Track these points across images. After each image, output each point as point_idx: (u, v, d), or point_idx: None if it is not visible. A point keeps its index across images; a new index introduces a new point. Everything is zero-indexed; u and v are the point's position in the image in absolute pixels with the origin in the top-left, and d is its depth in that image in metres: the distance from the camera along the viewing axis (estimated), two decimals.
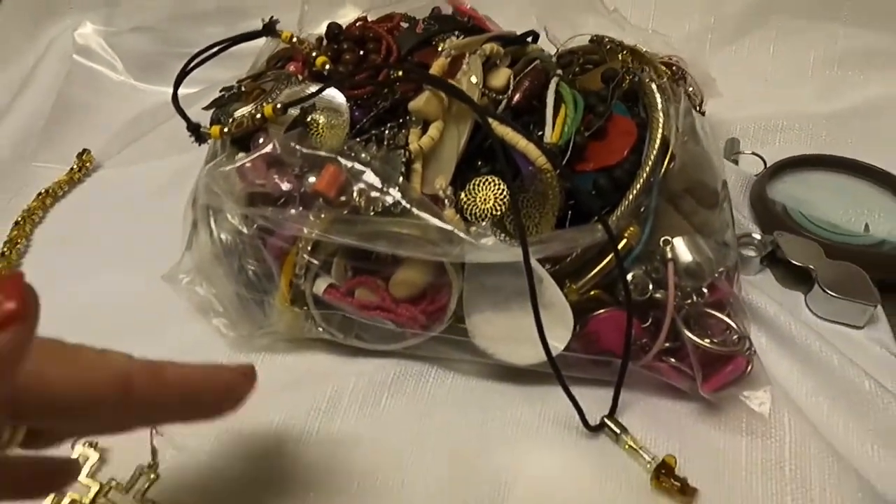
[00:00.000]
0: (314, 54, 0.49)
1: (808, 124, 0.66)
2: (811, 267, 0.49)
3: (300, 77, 0.49)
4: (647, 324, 0.43)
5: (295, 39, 0.51)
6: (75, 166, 0.64)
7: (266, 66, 0.53)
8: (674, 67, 0.52)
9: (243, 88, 0.49)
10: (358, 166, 0.40)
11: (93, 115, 0.71)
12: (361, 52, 0.51)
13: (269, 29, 0.51)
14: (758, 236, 0.52)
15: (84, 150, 0.65)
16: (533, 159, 0.40)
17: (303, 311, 0.45)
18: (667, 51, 0.55)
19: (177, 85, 0.48)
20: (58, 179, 0.63)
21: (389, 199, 0.41)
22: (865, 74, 0.69)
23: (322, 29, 0.55)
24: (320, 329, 0.46)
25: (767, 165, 0.59)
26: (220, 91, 0.50)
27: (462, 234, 0.38)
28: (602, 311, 0.43)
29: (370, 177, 0.40)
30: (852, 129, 0.65)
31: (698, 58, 0.59)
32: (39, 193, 0.61)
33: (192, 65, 0.49)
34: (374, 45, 0.51)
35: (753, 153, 0.60)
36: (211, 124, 0.49)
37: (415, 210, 0.39)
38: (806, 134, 0.65)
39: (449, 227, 0.38)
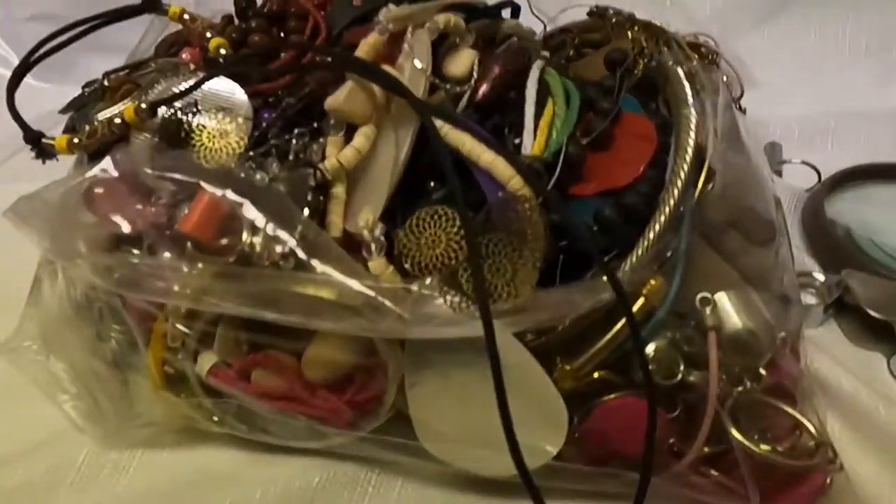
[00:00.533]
0: (208, 35, 0.36)
1: (866, 123, 0.55)
2: (894, 319, 0.37)
3: (192, 67, 0.37)
4: (677, 414, 0.31)
5: (186, 17, 0.38)
6: None
7: (154, 54, 0.40)
8: (702, 49, 0.39)
9: (107, 83, 0.36)
10: (241, 200, 0.27)
11: None
12: (282, 33, 0.39)
13: (152, 3, 0.38)
14: (820, 277, 0.40)
15: None
16: (504, 181, 0.27)
17: (183, 398, 0.32)
18: (690, 28, 0.43)
19: (12, 84, 0.35)
20: None
21: (291, 245, 0.27)
22: None
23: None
24: (214, 419, 0.33)
25: (821, 178, 0.47)
26: (83, 87, 0.38)
27: (392, 304, 0.25)
28: (611, 396, 0.31)
29: (259, 213, 0.27)
30: None
31: (728, 38, 0.46)
32: None
33: (40, 51, 0.37)
34: (297, 23, 0.39)
35: (804, 162, 0.47)
36: (65, 132, 0.36)
37: (324, 266, 0.26)
38: (863, 136, 0.54)
39: (372, 294, 0.25)
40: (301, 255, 0.26)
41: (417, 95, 0.29)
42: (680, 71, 0.32)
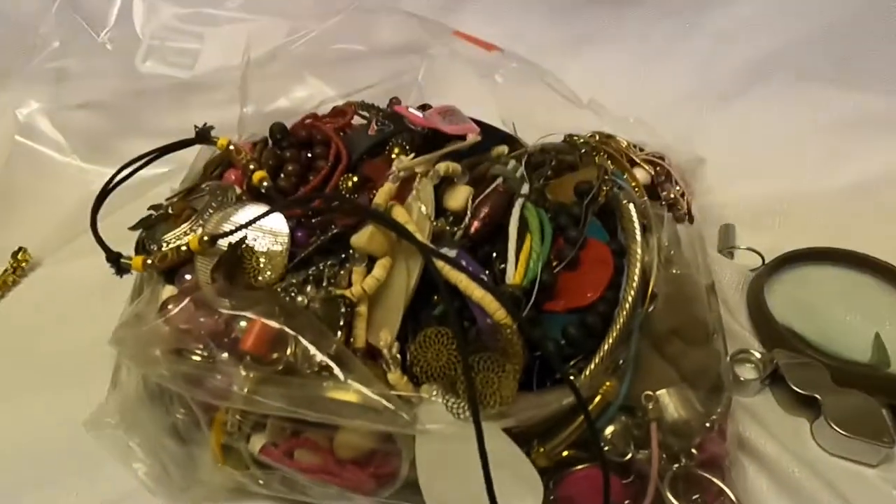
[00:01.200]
0: (252, 167, 0.44)
1: (810, 204, 0.60)
2: (817, 396, 0.44)
3: (238, 190, 0.44)
4: (630, 480, 0.38)
5: (232, 148, 0.45)
6: (10, 267, 0.59)
7: (203, 173, 0.48)
8: (658, 168, 0.47)
9: (171, 210, 0.43)
10: (288, 331, 0.35)
11: (35, 203, 0.66)
12: (309, 155, 0.46)
13: (203, 136, 0.46)
14: (757, 354, 0.47)
15: (20, 249, 0.60)
16: (491, 312, 0.34)
17: (236, 469, 0.40)
18: (650, 139, 0.50)
19: (94, 212, 0.43)
20: None
21: (333, 352, 0.35)
22: (872, 142, 0.63)
23: (279, 106, 0.50)
24: (261, 482, 0.41)
25: (765, 261, 0.53)
26: (148, 209, 0.45)
27: (404, 414, 0.33)
28: (577, 468, 0.38)
29: (306, 337, 0.35)
30: (858, 208, 0.60)
31: (686, 139, 0.54)
32: None
33: (114, 183, 0.44)
34: (322, 149, 0.46)
35: (749, 248, 0.54)
36: (136, 250, 0.44)
37: (351, 381, 0.34)
38: (807, 217, 0.59)
39: (390, 405, 0.33)
40: (339, 373, 0.34)
41: (423, 235, 0.37)
42: (630, 207, 0.39)
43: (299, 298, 0.37)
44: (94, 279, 0.58)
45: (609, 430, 0.37)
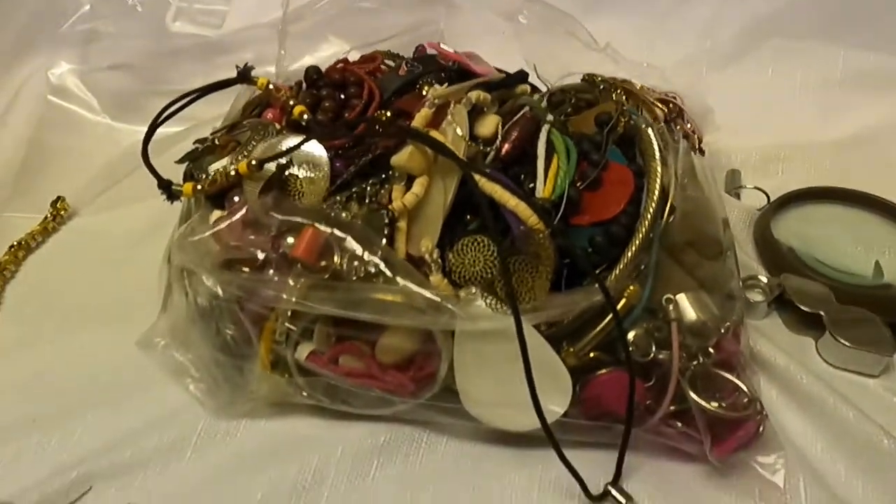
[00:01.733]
0: (291, 103, 0.47)
1: (811, 152, 0.64)
2: (821, 313, 0.47)
3: (277, 126, 0.47)
4: (651, 384, 0.41)
5: (272, 87, 0.48)
6: (49, 215, 0.62)
7: (242, 114, 0.51)
8: (670, 105, 0.50)
9: (217, 141, 0.46)
10: (338, 233, 0.38)
11: (68, 159, 0.68)
12: (342, 97, 0.49)
13: (244, 76, 0.48)
14: (764, 279, 0.50)
15: (58, 198, 0.63)
16: (525, 219, 0.37)
17: (285, 377, 0.43)
18: (663, 84, 0.53)
19: (145, 143, 0.45)
20: (31, 230, 0.60)
21: (372, 267, 0.38)
22: (868, 97, 0.67)
23: (304, 63, 0.52)
24: (305, 395, 0.44)
25: (770, 200, 0.56)
26: (194, 143, 0.48)
27: (449, 305, 0.36)
28: (603, 371, 0.40)
29: (351, 242, 0.38)
30: (856, 155, 0.63)
31: (695, 88, 0.57)
32: (11, 246, 0.59)
33: (162, 118, 0.47)
34: (355, 89, 0.49)
35: (756, 187, 0.57)
36: (184, 180, 0.46)
37: (398, 278, 0.37)
38: (809, 163, 0.63)
39: (435, 298, 0.36)
40: (387, 271, 0.37)
41: (459, 156, 0.40)
42: (650, 131, 0.42)
43: (343, 214, 0.40)
44: (130, 228, 0.61)
45: (632, 333, 0.40)
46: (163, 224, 0.53)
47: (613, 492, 0.40)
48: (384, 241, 0.39)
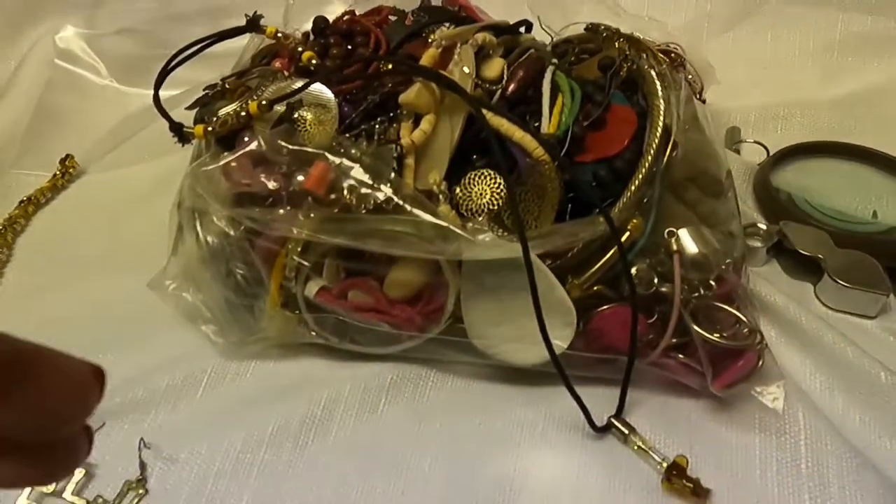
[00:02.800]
0: (300, 49, 0.47)
1: (809, 111, 0.64)
2: (820, 256, 0.48)
3: (286, 73, 0.48)
4: (654, 319, 0.42)
5: (280, 35, 0.49)
6: (58, 172, 0.62)
7: (251, 63, 0.51)
8: (672, 55, 0.50)
9: (227, 86, 0.47)
10: (347, 163, 0.38)
11: (76, 120, 0.69)
12: (349, 47, 0.50)
13: (254, 24, 0.49)
14: (763, 226, 0.51)
15: (67, 156, 0.63)
16: (530, 151, 0.38)
17: (294, 314, 0.44)
18: (664, 38, 0.54)
19: (157, 85, 0.46)
20: (40, 186, 0.61)
21: (381, 196, 0.39)
22: (865, 59, 0.68)
23: (309, 23, 0.53)
24: (313, 333, 0.45)
25: (770, 154, 0.57)
26: (204, 90, 0.49)
27: (458, 231, 0.37)
28: (606, 307, 0.41)
29: (360, 173, 0.39)
30: (854, 114, 0.64)
31: (696, 45, 0.57)
32: (21, 201, 0.60)
33: (173, 63, 0.47)
34: (363, 38, 0.50)
35: (756, 142, 0.58)
36: (195, 124, 0.47)
37: (408, 207, 0.37)
38: (807, 121, 0.64)
39: (444, 224, 0.37)
40: (397, 200, 0.38)
41: (467, 92, 0.41)
42: (652, 72, 0.43)
43: (353, 151, 0.41)
44: (138, 185, 0.62)
45: (635, 267, 0.41)
46: (169, 181, 0.54)
47: (616, 423, 0.41)
48: (393, 174, 0.39)
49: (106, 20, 0.73)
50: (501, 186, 0.39)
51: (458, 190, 0.39)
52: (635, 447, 0.40)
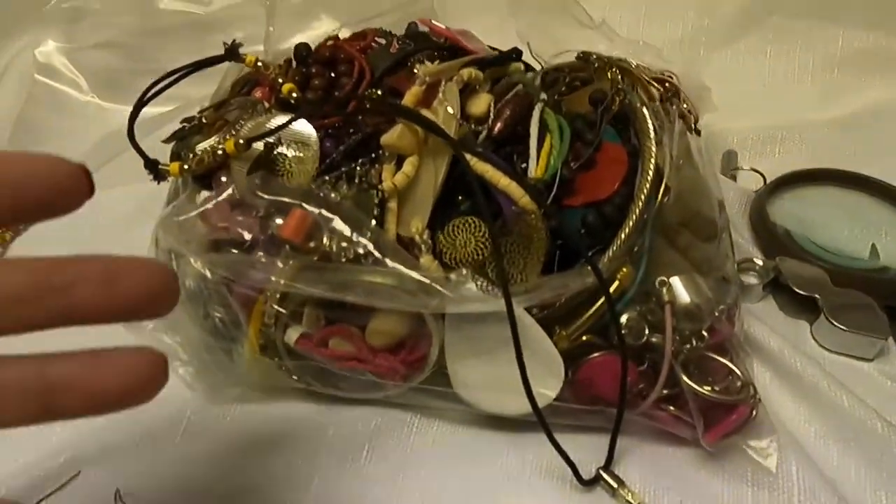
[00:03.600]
0: (280, 80, 0.46)
1: (809, 133, 0.63)
2: (816, 296, 0.46)
3: (266, 104, 0.46)
4: (644, 367, 0.40)
5: (260, 64, 0.47)
6: None
7: (231, 92, 0.50)
8: (666, 84, 0.49)
9: (204, 120, 0.45)
10: (326, 213, 0.37)
11: (56, 139, 0.67)
12: (332, 75, 0.48)
13: (232, 53, 0.47)
14: (759, 262, 0.49)
15: None
16: (516, 199, 0.37)
17: (274, 361, 0.42)
18: (658, 63, 0.52)
19: (132, 120, 0.44)
20: None
21: (361, 249, 0.37)
22: (866, 78, 0.66)
23: (294, 41, 0.51)
24: (295, 378, 0.43)
25: (767, 181, 0.56)
26: (181, 122, 0.47)
27: (439, 287, 0.35)
28: (595, 355, 0.40)
29: (339, 224, 0.37)
30: (854, 136, 0.62)
31: (692, 68, 0.56)
32: None
33: (148, 95, 0.46)
34: (346, 67, 0.48)
35: (752, 169, 0.57)
36: (171, 159, 0.45)
37: (388, 260, 0.36)
38: (807, 144, 0.62)
39: (426, 280, 0.35)
40: (376, 253, 0.36)
41: (450, 135, 0.39)
42: (644, 110, 0.41)
43: (333, 195, 0.39)
44: (118, 211, 0.60)
45: (625, 316, 0.39)
46: (150, 207, 0.52)
47: (605, 476, 0.39)
48: (374, 222, 0.38)
49: (87, 34, 0.71)
50: (486, 236, 0.37)
51: (441, 238, 0.38)
52: (624, 501, 0.39)
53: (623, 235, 0.38)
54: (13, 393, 0.22)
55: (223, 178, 0.42)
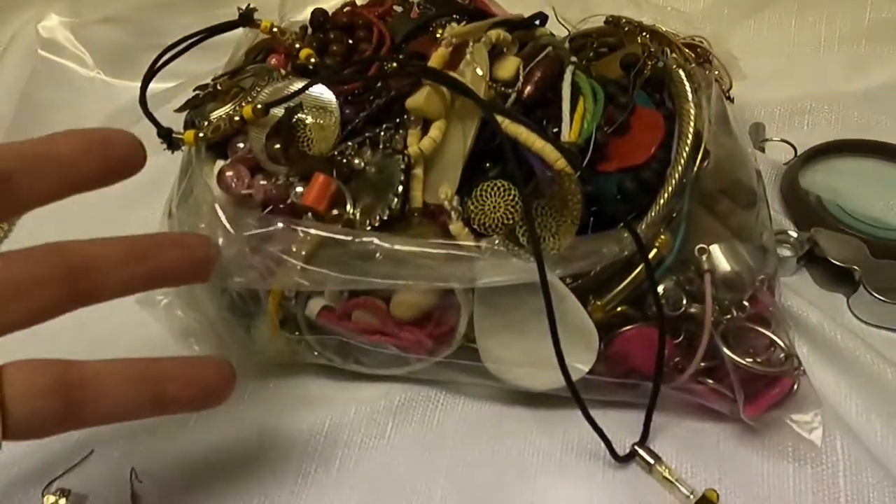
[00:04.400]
0: (297, 46, 0.44)
1: (838, 105, 0.61)
2: (854, 267, 0.45)
3: (283, 72, 0.44)
4: (680, 339, 0.39)
5: (275, 29, 0.45)
6: None
7: (245, 60, 0.48)
8: (698, 49, 0.47)
9: (219, 87, 0.44)
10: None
11: (61, 115, 0.66)
12: (350, 42, 0.46)
13: (247, 18, 0.46)
14: (794, 234, 0.48)
15: None
16: (551, 162, 0.35)
17: (294, 336, 0.41)
18: (687, 30, 0.50)
19: (144, 86, 0.42)
20: None
21: (387, 213, 0.36)
22: (889, 50, 0.64)
23: (306, 15, 0.50)
24: (315, 354, 0.42)
25: (798, 153, 0.54)
26: (194, 90, 0.45)
27: (471, 254, 0.33)
28: (630, 327, 0.38)
29: (365, 186, 0.35)
30: (885, 107, 0.61)
31: (721, 36, 0.54)
32: None
33: (160, 62, 0.44)
34: (365, 32, 0.46)
35: (782, 140, 0.55)
36: (185, 128, 0.44)
37: (414, 228, 0.34)
38: (836, 115, 0.60)
39: (453, 251, 0.34)
40: (405, 217, 0.35)
41: (480, 96, 0.38)
42: (681, 72, 0.40)
43: (356, 161, 0.38)
44: (127, 186, 0.58)
45: (663, 286, 0.38)
46: (161, 181, 0.50)
47: (641, 452, 0.38)
48: (400, 188, 0.36)
49: (91, 8, 0.69)
50: (516, 199, 0.35)
51: (469, 203, 0.36)
52: (661, 478, 0.37)
53: (662, 201, 0.36)
54: (128, 383, 0.26)
55: (240, 145, 0.40)
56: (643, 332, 0.38)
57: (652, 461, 0.37)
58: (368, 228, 0.36)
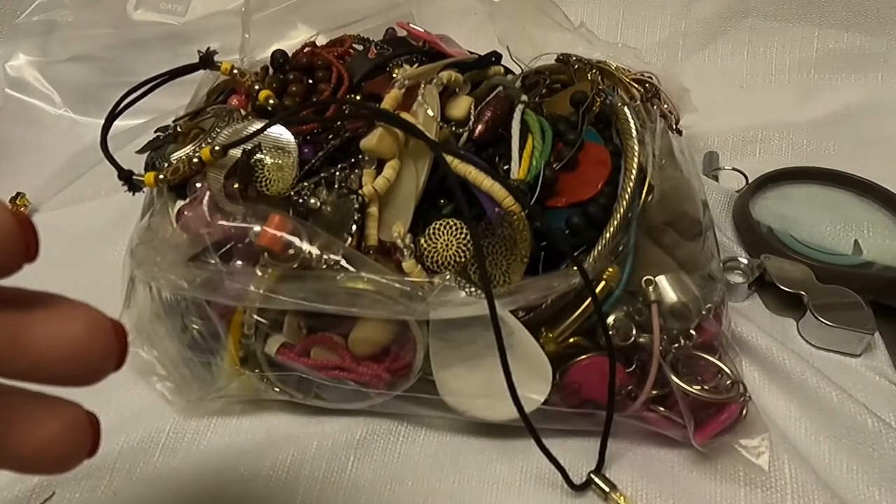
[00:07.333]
0: (257, 87, 0.45)
1: (788, 133, 0.63)
2: (802, 293, 0.46)
3: (243, 112, 0.45)
4: (632, 368, 0.40)
5: (235, 71, 0.46)
6: None
7: (206, 101, 0.49)
8: (646, 84, 0.49)
9: (179, 128, 0.44)
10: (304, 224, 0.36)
11: (29, 154, 0.66)
12: (310, 82, 0.47)
13: (207, 61, 0.46)
14: (744, 260, 0.49)
15: (18, 194, 0.60)
16: (500, 200, 0.36)
17: (255, 373, 0.41)
18: (638, 65, 0.52)
19: (105, 130, 0.43)
20: None
21: (342, 252, 0.36)
22: (843, 77, 0.67)
23: (269, 51, 0.51)
24: (277, 390, 0.42)
25: (749, 181, 0.56)
26: (155, 132, 0.46)
27: (422, 293, 0.34)
28: (583, 357, 0.39)
29: (320, 228, 0.36)
30: (833, 135, 0.63)
31: (671, 70, 0.56)
32: None
33: (122, 105, 0.45)
34: (324, 73, 0.47)
35: (734, 168, 0.57)
36: (146, 169, 0.44)
37: (370, 264, 0.35)
38: (786, 144, 0.63)
39: (407, 287, 0.34)
40: (349, 268, 0.35)
41: (431, 137, 0.39)
42: (626, 109, 0.41)
43: (312, 200, 0.39)
44: (93, 223, 0.59)
45: (612, 317, 0.39)
46: (126, 219, 0.51)
47: (596, 480, 0.39)
48: (354, 227, 0.37)
49: (59, 47, 0.69)
50: (468, 238, 0.36)
51: (422, 241, 0.37)
52: None
53: (608, 235, 0.38)
54: None
55: (198, 185, 0.41)
56: (596, 362, 0.39)
57: (607, 489, 0.38)
58: (324, 267, 0.37)
